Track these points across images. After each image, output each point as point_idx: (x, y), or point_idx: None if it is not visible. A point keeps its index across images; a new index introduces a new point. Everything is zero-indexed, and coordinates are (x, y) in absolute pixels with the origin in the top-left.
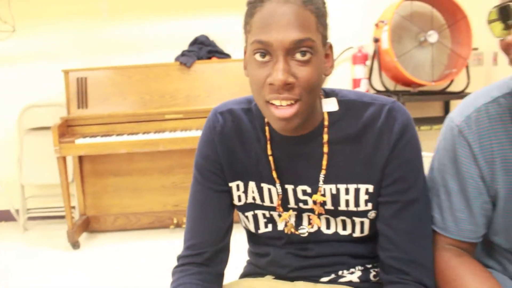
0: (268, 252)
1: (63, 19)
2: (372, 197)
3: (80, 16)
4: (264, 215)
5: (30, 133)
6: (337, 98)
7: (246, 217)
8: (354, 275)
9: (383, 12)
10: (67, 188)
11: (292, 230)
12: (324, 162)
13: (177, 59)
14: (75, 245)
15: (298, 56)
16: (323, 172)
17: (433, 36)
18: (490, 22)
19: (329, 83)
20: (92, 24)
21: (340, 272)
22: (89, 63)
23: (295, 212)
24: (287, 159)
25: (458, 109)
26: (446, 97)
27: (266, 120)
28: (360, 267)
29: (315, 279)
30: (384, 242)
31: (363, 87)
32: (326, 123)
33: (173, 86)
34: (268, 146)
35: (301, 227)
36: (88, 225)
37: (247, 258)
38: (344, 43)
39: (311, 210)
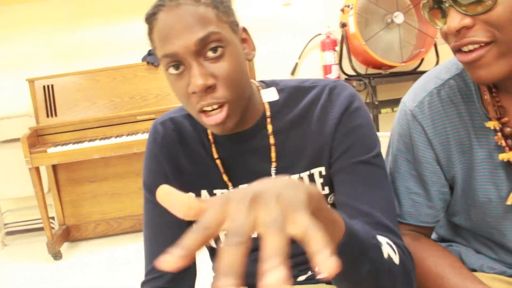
0: None
1: (25, 27)
2: (327, 179)
3: (43, 23)
4: None
5: (0, 146)
6: (277, 87)
7: None
8: None
9: None
10: (43, 199)
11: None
12: (273, 154)
13: (143, 59)
14: (57, 256)
15: (210, 54)
16: (273, 165)
17: (399, 17)
18: (426, 11)
19: (300, 71)
20: (55, 30)
21: (316, 269)
22: (55, 70)
23: None
24: (235, 159)
25: (410, 93)
26: (417, 77)
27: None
28: None
29: (292, 279)
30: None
31: (334, 73)
32: (268, 113)
33: (142, 86)
34: (214, 150)
35: None
36: (68, 234)
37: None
38: (312, 30)
39: None
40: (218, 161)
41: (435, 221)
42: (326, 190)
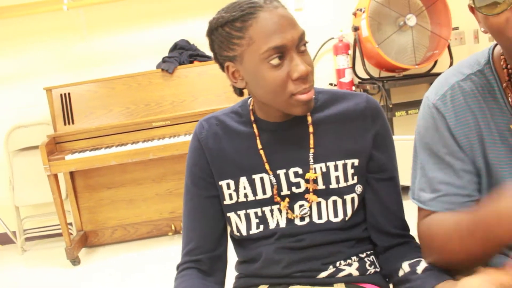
0: (260, 253)
1: (41, 37)
2: (358, 171)
3: (59, 33)
4: (256, 214)
5: (19, 154)
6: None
7: (239, 216)
8: (352, 267)
9: (360, 0)
10: (62, 205)
11: (293, 215)
12: (311, 142)
13: (158, 66)
14: (75, 261)
15: (302, 48)
16: (311, 151)
17: (412, 20)
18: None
19: (314, 75)
20: (71, 39)
21: (338, 264)
22: (72, 78)
23: (288, 200)
24: (277, 147)
25: (433, 88)
26: (431, 79)
27: (252, 118)
28: (355, 258)
29: (313, 274)
30: (375, 214)
31: (348, 77)
32: None
33: (158, 93)
34: (258, 141)
35: (301, 208)
36: (86, 240)
37: (235, 274)
38: (324, 34)
39: (303, 195)
40: (261, 151)
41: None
42: (355, 179)
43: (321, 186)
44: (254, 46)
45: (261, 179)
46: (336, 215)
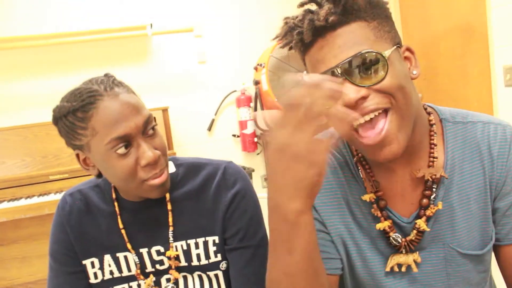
0: None
1: None
2: (220, 248)
3: None
4: None
5: None
6: (176, 162)
7: None
8: None
9: (261, 55)
10: None
11: None
12: (170, 220)
13: None
14: None
15: (149, 132)
16: (171, 229)
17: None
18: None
19: (217, 127)
20: None
21: None
22: None
23: (153, 278)
24: (138, 226)
25: None
26: None
27: (113, 196)
28: None
29: None
30: None
31: (250, 128)
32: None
33: (55, 145)
34: (119, 220)
35: (165, 285)
36: None
37: None
38: (227, 87)
39: (167, 271)
40: (123, 231)
41: (338, 270)
42: (219, 256)
43: (183, 263)
44: (98, 136)
45: (125, 257)
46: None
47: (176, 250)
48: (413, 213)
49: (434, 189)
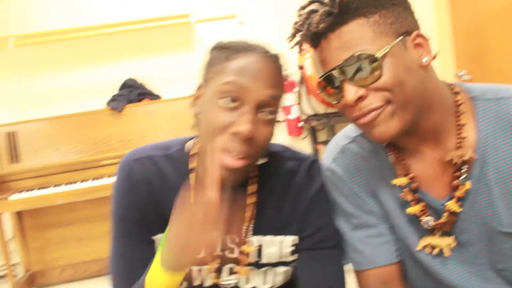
0: None
1: None
2: (296, 248)
3: (5, 70)
4: None
5: None
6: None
7: None
8: None
9: None
10: (5, 246)
11: (219, 281)
12: (253, 213)
13: (108, 104)
14: None
15: (264, 115)
16: (252, 222)
17: None
18: (321, 91)
19: None
20: (18, 77)
21: None
22: (19, 116)
23: (218, 263)
24: None
25: (325, 153)
26: None
27: (190, 166)
28: None
29: None
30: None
31: (294, 113)
32: (255, 173)
33: (106, 132)
34: (192, 194)
35: (226, 278)
36: (34, 281)
37: None
38: None
39: (235, 260)
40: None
41: (396, 256)
42: (294, 256)
43: (254, 258)
44: (221, 76)
45: None
46: (265, 283)
47: (251, 246)
48: (447, 194)
49: (465, 170)
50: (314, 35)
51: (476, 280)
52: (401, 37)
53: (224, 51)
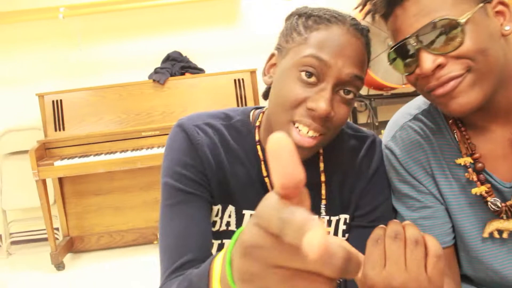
0: None
1: (36, 43)
2: (348, 228)
3: (53, 40)
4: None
5: (9, 157)
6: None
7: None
8: None
9: None
10: (49, 211)
11: None
12: (324, 191)
13: (150, 76)
14: (60, 266)
15: (343, 93)
16: (323, 202)
17: None
18: (391, 62)
19: None
20: (65, 47)
21: None
22: (64, 85)
23: None
24: None
25: (385, 130)
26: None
27: (257, 138)
28: None
29: None
30: None
31: None
32: (321, 151)
33: (148, 103)
34: (263, 167)
35: None
36: (72, 245)
37: None
38: None
39: None
40: (267, 179)
41: (450, 240)
42: (346, 236)
43: None
44: (301, 48)
45: (252, 216)
46: None
47: (329, 226)
48: None
49: None
50: (389, 2)
51: None
52: (482, 4)
53: (307, 19)
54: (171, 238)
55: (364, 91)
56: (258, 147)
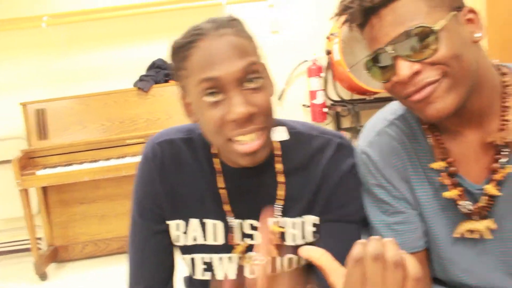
0: None
1: (18, 52)
2: (317, 228)
3: (37, 49)
4: (203, 259)
5: None
6: (289, 128)
7: (183, 259)
8: None
9: (333, 25)
10: (32, 220)
11: (248, 260)
12: (282, 193)
13: (135, 84)
14: (43, 276)
15: (249, 84)
16: (280, 203)
17: None
18: (368, 70)
19: (287, 97)
20: (49, 56)
21: None
22: (48, 94)
23: (245, 245)
24: (237, 192)
25: (362, 135)
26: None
27: (213, 151)
28: None
29: None
30: None
31: (320, 99)
32: (278, 152)
33: (133, 111)
34: (220, 179)
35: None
36: (56, 255)
37: None
38: (298, 57)
39: (253, 247)
40: (223, 191)
41: (421, 245)
42: (316, 237)
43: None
44: (191, 78)
45: (214, 226)
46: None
47: (293, 227)
48: (485, 179)
49: (506, 153)
50: (365, 12)
51: (504, 276)
52: (455, 12)
53: (178, 53)
54: (129, 265)
55: (347, 95)
56: (214, 160)
